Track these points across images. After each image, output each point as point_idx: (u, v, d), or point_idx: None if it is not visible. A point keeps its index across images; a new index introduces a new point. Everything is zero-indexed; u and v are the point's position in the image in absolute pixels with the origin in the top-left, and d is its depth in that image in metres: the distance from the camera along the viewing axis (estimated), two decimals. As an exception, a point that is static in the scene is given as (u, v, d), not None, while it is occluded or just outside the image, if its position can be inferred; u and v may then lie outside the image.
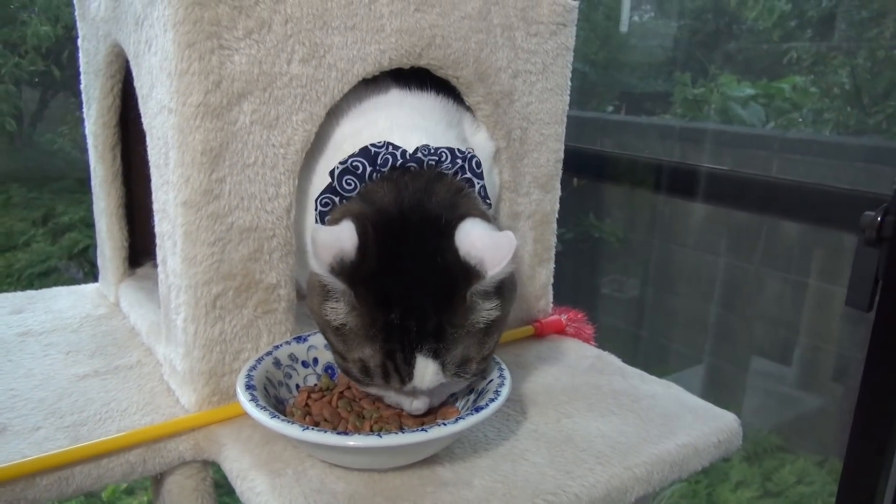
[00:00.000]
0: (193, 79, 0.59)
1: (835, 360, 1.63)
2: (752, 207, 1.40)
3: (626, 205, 1.98)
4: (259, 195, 0.64)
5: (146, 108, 0.67)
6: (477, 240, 0.56)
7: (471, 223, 0.58)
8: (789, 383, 1.72)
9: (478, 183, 0.64)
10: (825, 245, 1.58)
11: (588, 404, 0.71)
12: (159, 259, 0.70)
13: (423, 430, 0.54)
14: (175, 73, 0.59)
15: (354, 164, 0.62)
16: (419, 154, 0.62)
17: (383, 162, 0.62)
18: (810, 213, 1.21)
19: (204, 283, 0.63)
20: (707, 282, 1.84)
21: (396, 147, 0.62)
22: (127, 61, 0.73)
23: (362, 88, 0.70)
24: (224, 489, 0.68)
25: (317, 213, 0.63)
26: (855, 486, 0.99)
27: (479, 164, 0.64)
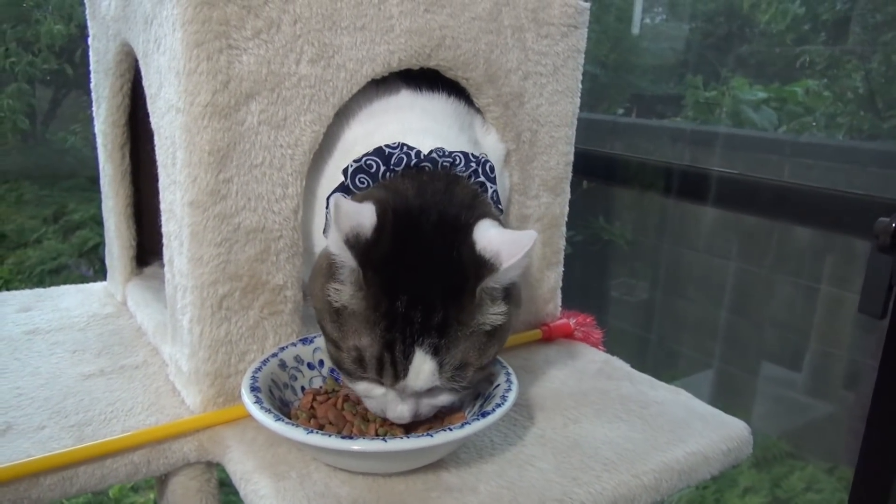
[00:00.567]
0: (201, 78, 0.59)
1: (846, 366, 1.61)
2: (763, 212, 1.39)
3: (636, 208, 1.96)
4: (266, 196, 0.64)
5: (154, 107, 0.67)
6: (494, 236, 0.56)
7: (490, 222, 0.58)
8: (799, 389, 1.70)
9: (490, 187, 0.64)
10: (837, 250, 1.56)
11: (596, 410, 0.70)
12: (166, 259, 0.69)
13: (429, 434, 0.53)
14: (183, 73, 0.59)
15: (368, 162, 0.62)
16: (433, 155, 0.62)
17: (397, 161, 0.62)
18: (823, 218, 1.20)
19: (210, 283, 0.63)
20: (717, 286, 1.83)
21: (411, 148, 0.62)
22: (136, 60, 0.73)
23: (372, 89, 0.70)
24: (230, 488, 0.68)
25: (327, 211, 0.63)
26: (867, 495, 0.98)
27: (492, 168, 0.65)
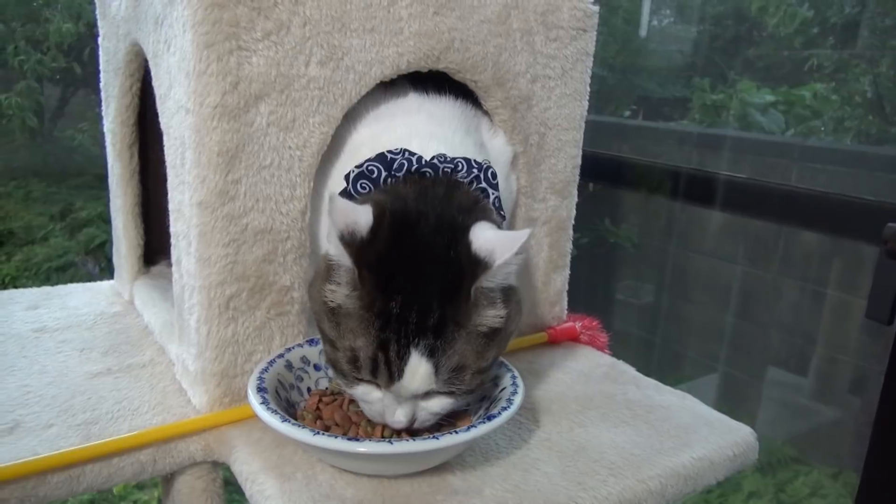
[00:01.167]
0: (211, 80, 0.59)
1: (852, 372, 1.61)
2: (770, 216, 1.38)
3: (642, 210, 1.96)
4: (274, 197, 0.64)
5: (164, 107, 0.68)
6: (490, 236, 0.56)
7: (486, 224, 0.58)
8: (805, 394, 1.70)
9: (492, 193, 0.64)
10: (844, 255, 1.56)
11: (601, 414, 0.70)
12: (174, 259, 0.70)
13: (435, 437, 0.53)
14: (193, 74, 0.59)
15: (370, 168, 0.62)
16: (435, 161, 0.62)
17: (399, 167, 0.62)
18: (830, 223, 1.19)
19: (218, 283, 0.63)
20: (723, 290, 1.82)
21: (412, 153, 0.62)
22: (146, 61, 0.73)
23: (379, 92, 0.70)
24: (233, 486, 0.68)
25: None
26: (872, 500, 0.98)
27: (494, 175, 0.64)
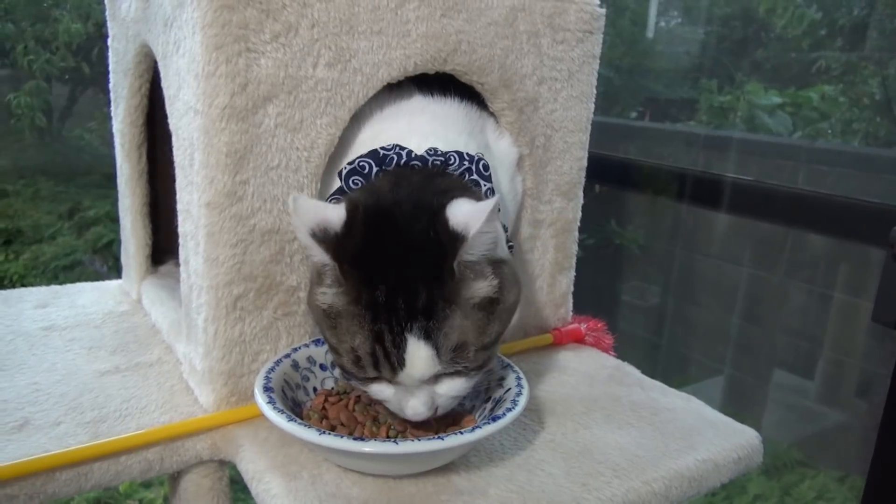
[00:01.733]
0: (220, 81, 0.59)
1: (858, 375, 1.60)
2: (777, 219, 1.38)
3: (648, 212, 1.96)
4: (282, 198, 0.65)
5: (173, 108, 0.68)
6: (464, 209, 0.55)
7: (462, 200, 0.56)
8: (811, 397, 1.69)
9: (485, 185, 0.63)
10: (851, 259, 1.55)
11: (606, 415, 0.70)
12: (182, 259, 0.70)
13: (440, 437, 0.53)
14: (202, 75, 0.59)
15: (361, 164, 0.62)
16: (425, 154, 0.62)
17: (389, 162, 0.62)
18: (837, 226, 1.19)
19: (225, 283, 0.64)
20: (729, 292, 1.82)
21: (403, 148, 0.62)
22: (155, 62, 0.73)
23: (385, 93, 0.70)
24: (238, 484, 0.68)
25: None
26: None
27: (486, 166, 0.64)
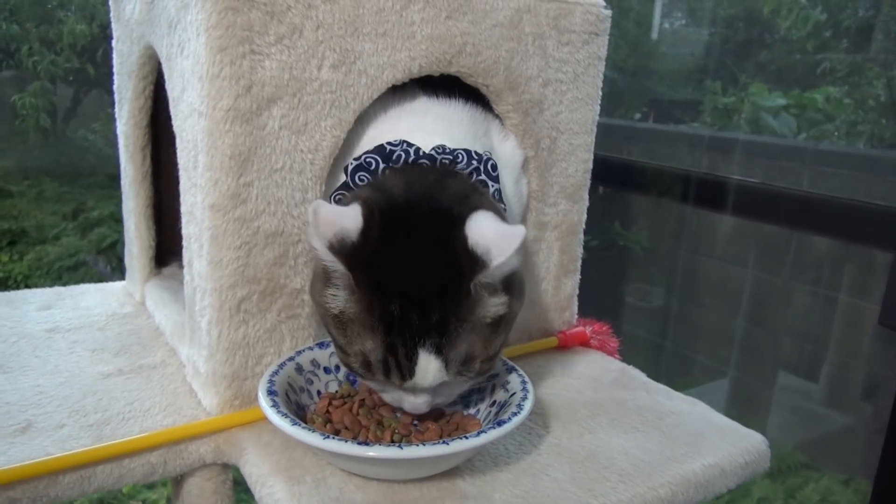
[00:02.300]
0: (224, 83, 0.59)
1: (864, 378, 1.59)
2: (781, 221, 1.37)
3: (653, 214, 1.96)
4: (286, 200, 0.64)
5: (177, 110, 0.68)
6: (486, 230, 0.54)
7: (483, 214, 0.56)
8: (816, 400, 1.69)
9: (492, 185, 0.63)
10: (857, 261, 1.54)
11: (611, 420, 0.70)
12: (185, 261, 0.70)
13: (445, 442, 0.53)
14: (206, 77, 0.59)
15: (368, 160, 0.61)
16: (433, 152, 0.62)
17: (396, 158, 0.61)
18: (842, 228, 1.18)
19: (229, 286, 0.63)
20: (734, 294, 1.81)
21: (411, 145, 0.62)
22: (159, 64, 0.73)
23: (390, 96, 0.70)
24: (241, 486, 0.68)
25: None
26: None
27: (494, 166, 0.63)
